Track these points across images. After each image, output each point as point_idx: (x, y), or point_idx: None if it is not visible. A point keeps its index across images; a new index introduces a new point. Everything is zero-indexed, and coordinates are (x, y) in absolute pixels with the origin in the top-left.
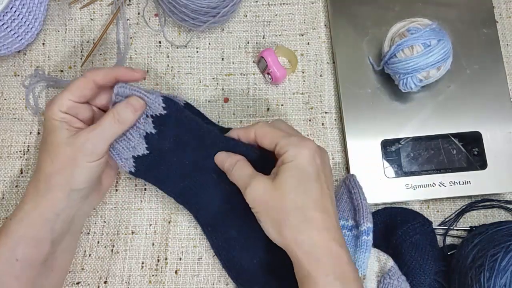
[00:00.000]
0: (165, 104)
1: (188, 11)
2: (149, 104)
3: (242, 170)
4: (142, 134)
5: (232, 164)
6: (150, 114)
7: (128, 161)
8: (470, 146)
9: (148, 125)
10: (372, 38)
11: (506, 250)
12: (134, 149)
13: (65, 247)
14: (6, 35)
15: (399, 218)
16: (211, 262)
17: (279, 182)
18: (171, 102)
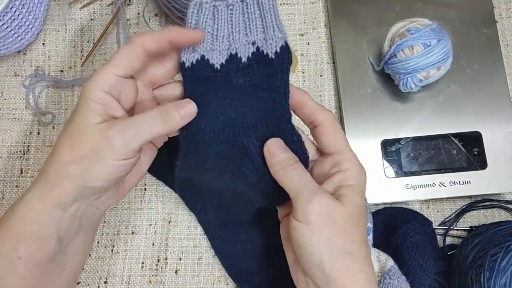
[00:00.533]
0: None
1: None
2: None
3: (305, 176)
4: (227, 50)
5: (291, 162)
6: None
7: (191, 53)
8: (470, 146)
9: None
10: (372, 38)
11: (506, 250)
12: (210, 51)
13: (78, 245)
14: (6, 35)
15: (399, 218)
16: (211, 262)
17: (349, 207)
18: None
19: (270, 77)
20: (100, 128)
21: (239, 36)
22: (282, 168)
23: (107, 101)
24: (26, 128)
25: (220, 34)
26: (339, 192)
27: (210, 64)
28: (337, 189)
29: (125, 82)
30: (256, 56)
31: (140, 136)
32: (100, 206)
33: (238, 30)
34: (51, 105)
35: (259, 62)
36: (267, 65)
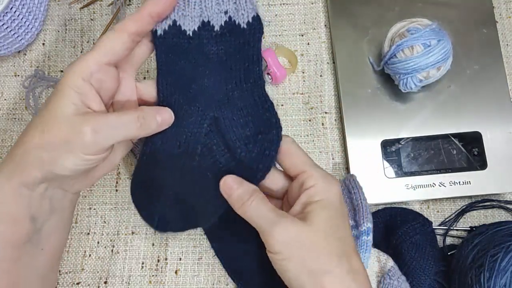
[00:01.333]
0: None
1: None
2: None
3: (262, 207)
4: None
5: (245, 197)
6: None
7: (164, 20)
8: (470, 146)
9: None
10: (372, 38)
11: (506, 250)
12: (182, 16)
13: (53, 226)
14: (6, 35)
15: (399, 218)
16: (211, 262)
17: (315, 225)
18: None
19: (242, 46)
20: (74, 120)
21: (211, 4)
22: (242, 205)
23: (85, 90)
24: None
25: (191, 0)
26: (306, 209)
27: (182, 30)
28: (304, 207)
29: (107, 71)
30: (228, 25)
31: (113, 136)
32: (69, 188)
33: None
34: None
35: (231, 32)
36: (239, 34)
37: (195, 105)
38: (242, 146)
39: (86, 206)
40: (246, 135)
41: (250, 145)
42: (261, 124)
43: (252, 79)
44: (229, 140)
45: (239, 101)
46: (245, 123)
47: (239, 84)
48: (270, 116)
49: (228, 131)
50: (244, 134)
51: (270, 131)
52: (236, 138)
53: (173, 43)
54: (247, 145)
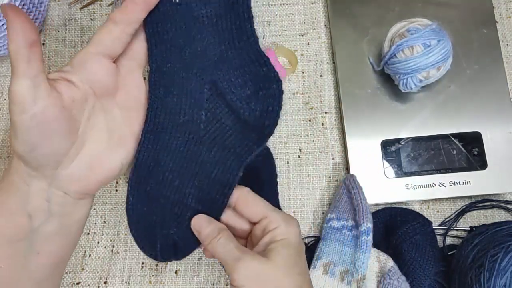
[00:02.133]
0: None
1: None
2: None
3: (228, 244)
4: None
5: (213, 235)
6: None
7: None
8: (470, 146)
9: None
10: (372, 38)
11: (506, 250)
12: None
13: (51, 231)
14: (6, 35)
15: (399, 218)
16: (211, 262)
17: (276, 261)
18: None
19: (231, 6)
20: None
21: None
22: (210, 241)
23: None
24: None
25: None
26: (268, 247)
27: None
28: (267, 245)
29: (98, 61)
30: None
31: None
32: (67, 187)
33: None
34: None
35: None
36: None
37: (192, 71)
38: (244, 106)
39: None
40: (246, 94)
41: (252, 104)
42: (260, 81)
43: (245, 36)
44: (231, 101)
45: (234, 60)
46: (243, 82)
47: (233, 44)
48: (268, 70)
49: (228, 93)
50: (245, 93)
51: (271, 86)
52: (237, 99)
53: (161, 12)
54: (249, 104)
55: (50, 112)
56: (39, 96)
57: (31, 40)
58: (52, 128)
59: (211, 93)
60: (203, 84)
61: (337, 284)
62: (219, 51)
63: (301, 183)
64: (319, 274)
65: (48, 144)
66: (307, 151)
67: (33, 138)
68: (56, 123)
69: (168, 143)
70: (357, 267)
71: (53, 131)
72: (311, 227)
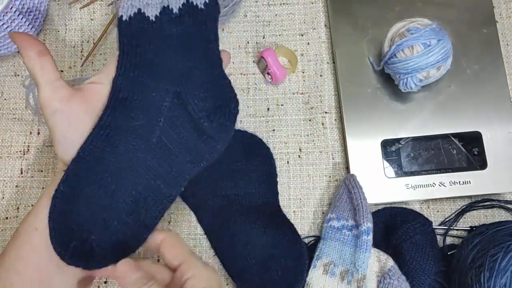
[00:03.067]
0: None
1: None
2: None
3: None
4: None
5: (145, 282)
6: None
7: (130, 8)
8: (470, 146)
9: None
10: (372, 38)
11: (506, 250)
12: (146, 4)
13: None
14: (6, 35)
15: (399, 218)
16: (211, 262)
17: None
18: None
19: (200, 26)
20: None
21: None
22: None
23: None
24: (26, 128)
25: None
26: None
27: (146, 16)
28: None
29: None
30: (186, 7)
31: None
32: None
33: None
34: None
35: (189, 13)
36: (197, 15)
37: (158, 80)
38: (204, 117)
39: None
40: (207, 107)
41: (211, 116)
42: (220, 99)
43: (211, 58)
44: (192, 111)
45: (199, 77)
46: (205, 97)
47: (199, 63)
48: (229, 91)
49: (190, 103)
50: (206, 106)
51: (229, 105)
52: (198, 110)
53: (136, 28)
54: (209, 116)
55: (77, 110)
56: (62, 97)
57: (38, 50)
58: (82, 126)
59: (173, 103)
60: (167, 94)
61: (337, 283)
62: (186, 67)
63: (301, 183)
64: (319, 273)
65: (82, 140)
66: (307, 151)
67: (67, 135)
68: (83, 119)
69: (116, 144)
70: (357, 267)
71: (83, 128)
72: (311, 227)
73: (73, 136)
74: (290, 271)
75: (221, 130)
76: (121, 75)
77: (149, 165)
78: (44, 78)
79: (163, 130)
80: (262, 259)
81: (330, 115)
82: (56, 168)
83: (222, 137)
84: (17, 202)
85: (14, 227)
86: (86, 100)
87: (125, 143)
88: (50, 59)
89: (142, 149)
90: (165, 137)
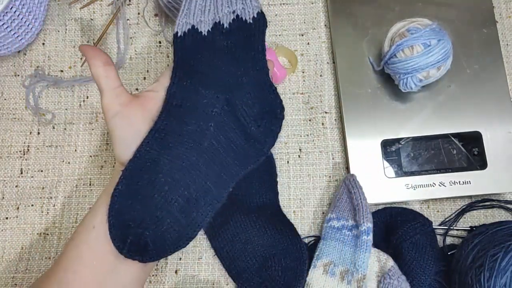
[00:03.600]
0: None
1: None
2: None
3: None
4: (215, 18)
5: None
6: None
7: (184, 25)
8: (470, 146)
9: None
10: (372, 38)
11: (506, 250)
12: (199, 21)
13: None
14: (6, 35)
15: (399, 218)
16: (211, 262)
17: None
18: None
19: (249, 38)
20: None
21: (222, 8)
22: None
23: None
24: (26, 128)
25: (206, 9)
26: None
27: (199, 31)
28: None
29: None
30: (236, 22)
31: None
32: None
33: (221, 4)
34: (51, 105)
35: (239, 27)
36: (245, 29)
37: (209, 89)
38: (252, 122)
39: (86, 206)
40: (254, 113)
41: (258, 121)
42: (267, 104)
43: (258, 66)
44: (241, 116)
45: (247, 85)
46: (253, 103)
47: (247, 72)
48: (275, 98)
49: (239, 110)
50: (253, 112)
51: (275, 110)
52: (246, 115)
53: (190, 42)
54: (256, 121)
55: (134, 113)
56: (122, 102)
57: (104, 60)
58: (139, 128)
59: (223, 109)
60: (217, 101)
61: (337, 283)
62: (235, 76)
63: (301, 183)
64: (319, 273)
65: (139, 142)
66: (307, 151)
67: (125, 136)
68: (141, 122)
69: (170, 147)
70: (357, 267)
71: (140, 130)
72: (311, 227)
73: (130, 138)
74: (290, 271)
75: (267, 134)
76: (175, 84)
77: (201, 168)
78: (108, 85)
79: (213, 135)
80: (262, 259)
81: (330, 115)
82: (114, 167)
83: (268, 141)
84: (17, 202)
85: (14, 227)
86: (143, 105)
87: (179, 146)
88: (113, 68)
89: (194, 152)
90: (215, 141)
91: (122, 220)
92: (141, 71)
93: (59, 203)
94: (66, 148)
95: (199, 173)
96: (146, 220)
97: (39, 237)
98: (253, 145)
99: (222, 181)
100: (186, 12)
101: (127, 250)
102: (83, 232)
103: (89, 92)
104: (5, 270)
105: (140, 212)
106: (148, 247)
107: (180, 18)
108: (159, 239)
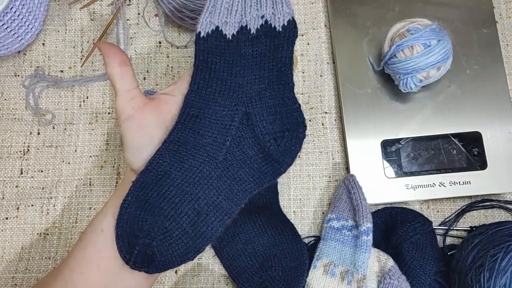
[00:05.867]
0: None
1: (188, 11)
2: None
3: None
4: (242, 22)
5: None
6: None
7: (208, 25)
8: (470, 146)
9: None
10: (372, 38)
11: (506, 250)
12: (224, 23)
13: None
14: (6, 35)
15: (399, 218)
16: (211, 262)
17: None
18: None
19: (276, 48)
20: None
21: (250, 11)
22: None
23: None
24: (26, 128)
25: (233, 9)
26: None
27: (223, 34)
28: None
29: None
30: (264, 28)
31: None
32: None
33: (250, 5)
34: (51, 105)
35: (267, 34)
36: (274, 37)
37: (229, 100)
38: (271, 140)
39: (86, 206)
40: (275, 130)
41: (278, 140)
42: (289, 123)
43: (284, 81)
44: (260, 133)
45: (269, 100)
46: (273, 120)
47: (271, 84)
48: (297, 116)
49: (258, 126)
50: (273, 129)
51: (297, 129)
52: (266, 133)
53: (213, 45)
54: (276, 140)
55: (148, 117)
56: (136, 105)
57: (120, 60)
58: (151, 132)
59: (241, 123)
60: (236, 114)
61: (337, 284)
62: (258, 88)
63: (301, 183)
64: (319, 274)
65: (150, 148)
66: (307, 151)
67: (137, 140)
68: (154, 127)
69: (184, 160)
70: (357, 267)
71: (152, 134)
72: (311, 227)
73: (142, 142)
74: (290, 271)
75: (286, 155)
76: (194, 91)
77: (213, 182)
78: (122, 86)
79: (229, 149)
80: (262, 259)
81: (330, 115)
82: (124, 171)
83: (286, 161)
84: (17, 202)
85: (14, 227)
86: (157, 109)
87: (192, 159)
88: (130, 69)
89: (208, 166)
90: (231, 156)
91: (129, 231)
92: (141, 71)
93: (59, 203)
94: (66, 148)
95: (211, 187)
96: (155, 230)
97: (39, 237)
98: (270, 164)
99: (234, 196)
100: (211, 10)
101: (133, 261)
102: (91, 234)
103: (89, 92)
104: (5, 270)
105: (148, 222)
106: (154, 258)
107: (204, 17)
108: (166, 250)
